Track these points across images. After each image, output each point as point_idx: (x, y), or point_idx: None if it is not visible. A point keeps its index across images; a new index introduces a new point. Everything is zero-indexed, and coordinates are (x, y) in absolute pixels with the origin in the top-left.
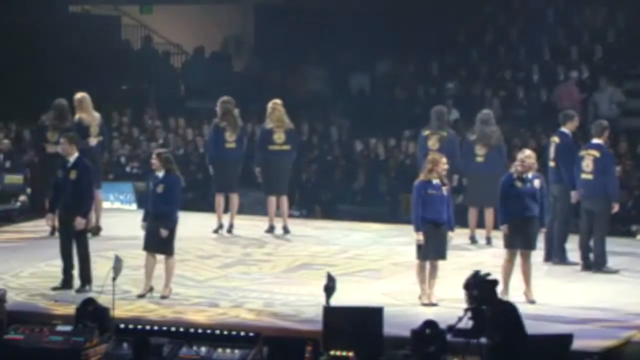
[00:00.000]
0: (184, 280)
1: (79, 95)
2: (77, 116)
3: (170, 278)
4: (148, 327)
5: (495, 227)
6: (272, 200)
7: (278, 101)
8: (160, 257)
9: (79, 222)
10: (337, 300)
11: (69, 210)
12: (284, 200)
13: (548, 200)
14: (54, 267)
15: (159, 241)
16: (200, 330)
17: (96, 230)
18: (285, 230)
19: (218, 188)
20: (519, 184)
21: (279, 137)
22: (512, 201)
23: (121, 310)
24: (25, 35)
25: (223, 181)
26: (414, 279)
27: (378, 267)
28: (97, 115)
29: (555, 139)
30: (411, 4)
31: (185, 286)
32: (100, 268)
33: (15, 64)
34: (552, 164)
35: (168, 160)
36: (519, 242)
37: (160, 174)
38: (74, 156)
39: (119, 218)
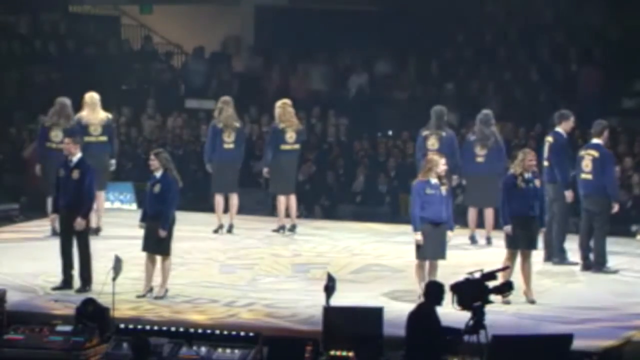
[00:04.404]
0: (184, 280)
1: (87, 94)
2: (77, 115)
3: (166, 279)
4: (148, 327)
5: (496, 227)
6: (282, 199)
7: (287, 101)
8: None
9: (79, 223)
10: (337, 300)
11: (70, 210)
12: (293, 198)
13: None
14: (54, 267)
15: (156, 241)
16: (200, 330)
17: (96, 231)
18: (293, 228)
19: (217, 188)
20: (521, 184)
21: (291, 136)
22: (515, 201)
23: (121, 310)
24: (25, 35)
25: (222, 181)
26: (413, 278)
27: (378, 267)
28: (103, 115)
29: (550, 139)
30: (411, 4)
31: (185, 286)
32: (100, 268)
33: (15, 63)
34: (546, 163)
35: (166, 160)
36: (521, 242)
37: (158, 174)
38: (77, 156)
39: (119, 218)
